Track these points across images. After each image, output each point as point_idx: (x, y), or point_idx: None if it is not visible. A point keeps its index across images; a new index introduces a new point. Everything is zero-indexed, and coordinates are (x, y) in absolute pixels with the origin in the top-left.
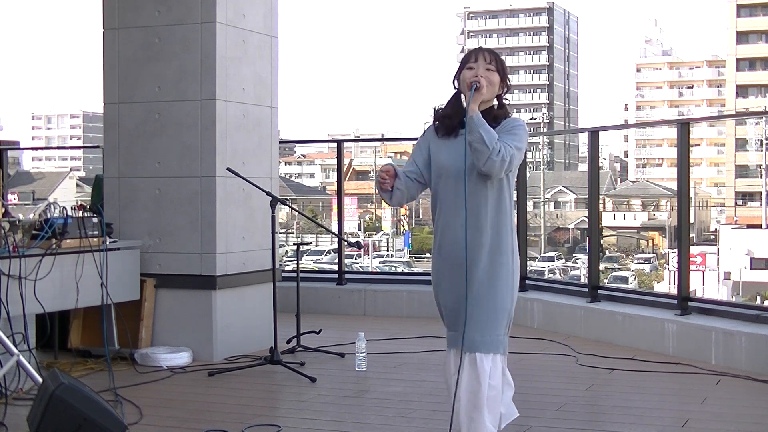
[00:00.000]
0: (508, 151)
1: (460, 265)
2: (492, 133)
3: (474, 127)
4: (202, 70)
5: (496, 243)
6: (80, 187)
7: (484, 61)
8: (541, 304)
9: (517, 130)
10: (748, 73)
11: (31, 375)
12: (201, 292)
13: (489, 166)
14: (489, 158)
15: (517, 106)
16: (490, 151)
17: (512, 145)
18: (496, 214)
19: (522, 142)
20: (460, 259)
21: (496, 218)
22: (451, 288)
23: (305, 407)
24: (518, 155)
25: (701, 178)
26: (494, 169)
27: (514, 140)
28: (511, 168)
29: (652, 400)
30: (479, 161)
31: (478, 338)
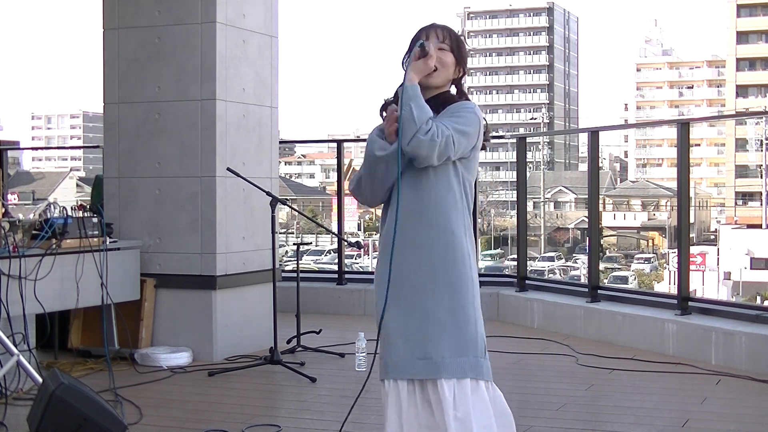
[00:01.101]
0: (441, 132)
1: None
2: (425, 109)
3: (405, 99)
4: (202, 70)
5: (444, 242)
6: (80, 187)
7: (436, 38)
8: (541, 304)
9: (463, 113)
10: (748, 73)
11: (31, 375)
12: (201, 292)
13: (414, 145)
14: (415, 136)
15: (517, 106)
16: (417, 127)
17: (450, 127)
18: (440, 207)
19: (467, 126)
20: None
21: (440, 213)
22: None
23: (305, 407)
24: (461, 140)
25: (701, 178)
26: (422, 151)
27: (457, 122)
28: (449, 153)
29: (652, 400)
30: (405, 139)
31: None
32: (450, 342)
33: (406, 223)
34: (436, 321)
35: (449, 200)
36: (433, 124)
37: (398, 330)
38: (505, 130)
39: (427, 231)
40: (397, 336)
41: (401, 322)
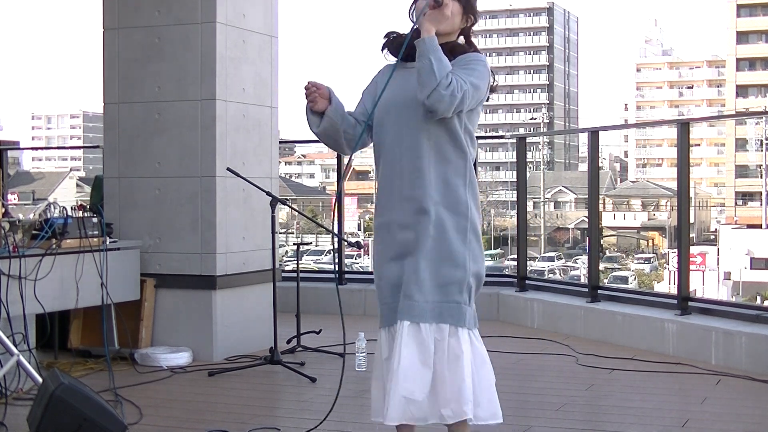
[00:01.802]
0: (460, 86)
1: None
2: (445, 62)
3: (424, 52)
4: (202, 70)
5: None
6: (80, 187)
7: None
8: (541, 304)
9: (475, 65)
10: (748, 73)
11: (31, 375)
12: (201, 292)
13: (434, 99)
14: (435, 90)
15: (517, 106)
16: (438, 81)
17: (467, 80)
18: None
19: (480, 80)
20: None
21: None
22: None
23: (305, 407)
24: (474, 94)
25: (701, 178)
26: (441, 105)
27: (471, 75)
28: (463, 107)
29: (652, 400)
30: (423, 92)
31: (451, 307)
32: (432, 286)
33: (405, 175)
34: (420, 266)
35: (451, 152)
36: (452, 78)
37: (390, 277)
38: (505, 130)
39: (427, 184)
40: (388, 283)
41: (393, 270)
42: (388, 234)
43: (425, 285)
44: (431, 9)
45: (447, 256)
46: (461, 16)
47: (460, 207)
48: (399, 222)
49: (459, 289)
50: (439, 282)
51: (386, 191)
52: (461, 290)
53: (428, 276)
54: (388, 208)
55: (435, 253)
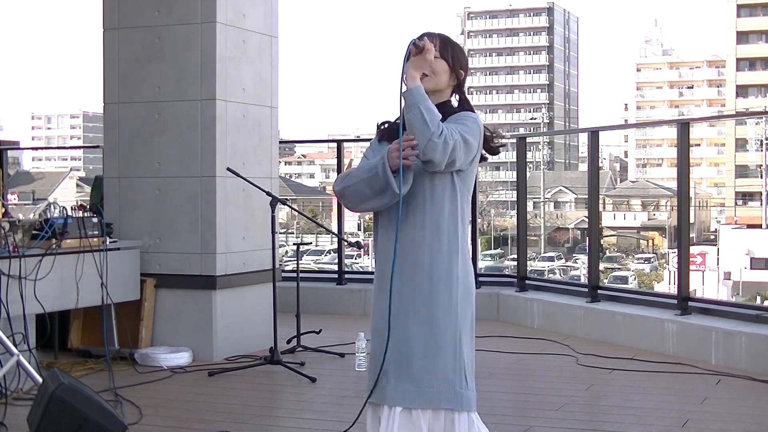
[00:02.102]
0: (452, 136)
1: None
2: (434, 110)
3: (413, 102)
4: (202, 70)
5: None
6: (80, 187)
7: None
8: (541, 304)
9: (465, 120)
10: (748, 73)
11: (31, 375)
12: (201, 292)
13: (429, 149)
14: (430, 140)
15: (517, 106)
16: (431, 132)
17: (457, 131)
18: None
19: (471, 135)
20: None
21: (451, 231)
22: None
23: (305, 407)
24: (464, 149)
25: (701, 178)
26: (436, 155)
27: (462, 129)
28: (455, 160)
29: (652, 400)
30: (419, 144)
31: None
32: (430, 370)
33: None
34: (417, 349)
35: (444, 220)
36: (443, 126)
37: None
38: (505, 130)
39: (419, 253)
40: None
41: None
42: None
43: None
44: (413, 55)
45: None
46: (449, 73)
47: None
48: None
49: (459, 373)
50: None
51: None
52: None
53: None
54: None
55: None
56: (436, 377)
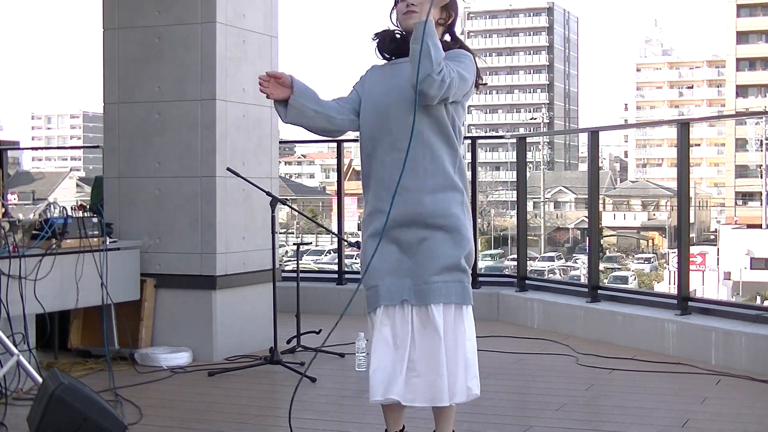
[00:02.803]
0: (449, 73)
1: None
2: (440, 49)
3: (422, 35)
4: (202, 70)
5: (445, 183)
6: (80, 187)
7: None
8: (541, 304)
9: (463, 58)
10: (748, 73)
11: (31, 375)
12: (201, 292)
13: (428, 84)
14: (429, 75)
15: (517, 106)
16: (433, 67)
17: (454, 69)
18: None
19: (467, 72)
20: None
21: (433, 156)
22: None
23: (305, 407)
24: (460, 84)
25: (701, 178)
26: (432, 90)
27: (458, 66)
28: (449, 95)
29: (652, 400)
30: (417, 75)
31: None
32: (440, 267)
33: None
34: (428, 250)
35: (441, 143)
36: (444, 65)
37: (387, 262)
38: (505, 130)
39: (421, 174)
40: (386, 266)
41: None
42: (380, 221)
43: (434, 267)
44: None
45: (454, 235)
46: (439, 12)
47: (456, 186)
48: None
49: (464, 268)
50: (447, 263)
51: (379, 182)
52: (466, 269)
53: (436, 258)
54: (380, 197)
55: (441, 233)
56: (451, 276)
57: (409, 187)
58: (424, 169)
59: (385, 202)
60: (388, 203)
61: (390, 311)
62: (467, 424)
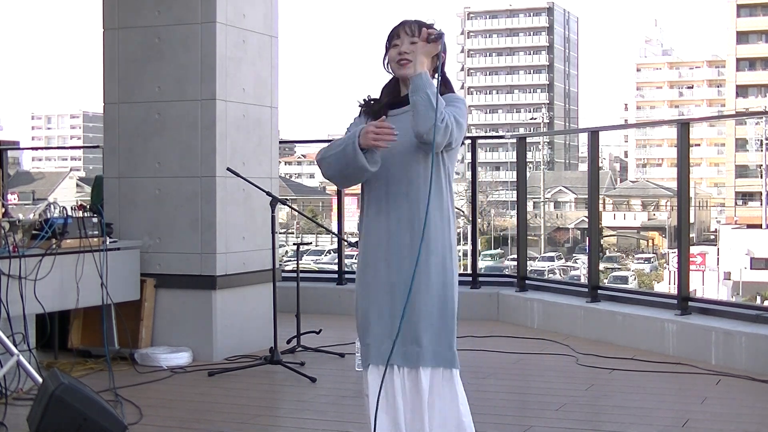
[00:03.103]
0: (450, 120)
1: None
2: (440, 97)
3: (421, 86)
4: (202, 70)
5: (445, 235)
6: (80, 187)
7: (407, 35)
8: (541, 304)
9: (457, 103)
10: (748, 73)
11: (31, 375)
12: (201, 292)
13: (434, 133)
14: (435, 124)
15: (517, 106)
16: (436, 116)
17: (452, 115)
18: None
19: (462, 118)
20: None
21: (441, 206)
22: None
23: (305, 407)
24: (458, 130)
25: (701, 178)
26: (438, 138)
27: (455, 112)
28: (451, 141)
29: (652, 400)
30: (423, 125)
31: (442, 351)
32: (431, 333)
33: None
34: (423, 314)
35: (433, 192)
36: (445, 113)
37: (384, 321)
38: (505, 130)
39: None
40: (382, 326)
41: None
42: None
43: (428, 330)
44: (425, 40)
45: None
46: (431, 61)
47: (447, 248)
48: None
49: (453, 334)
50: (439, 329)
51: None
52: (454, 334)
53: (428, 321)
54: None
55: (435, 297)
56: (442, 339)
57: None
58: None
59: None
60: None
61: (379, 371)
62: None
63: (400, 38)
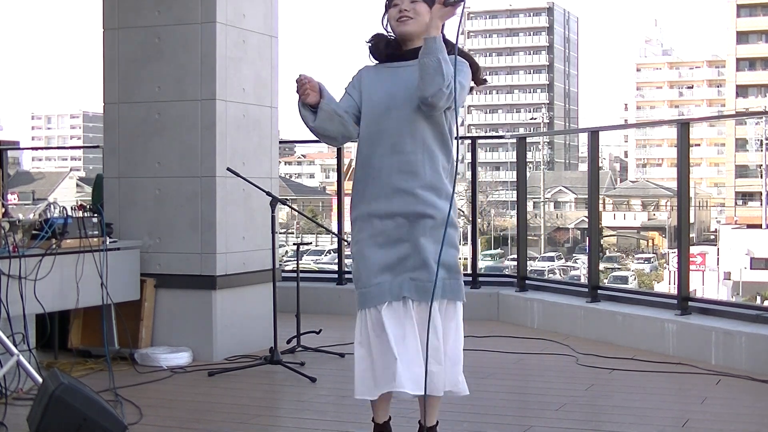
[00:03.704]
0: (454, 86)
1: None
2: (449, 62)
3: (434, 50)
4: (202, 70)
5: (438, 189)
6: (80, 187)
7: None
8: (541, 304)
9: (461, 66)
10: (748, 73)
11: (31, 375)
12: (201, 292)
13: (438, 97)
14: (440, 90)
15: (517, 106)
16: (444, 82)
17: (457, 79)
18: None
19: (465, 79)
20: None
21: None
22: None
23: (305, 407)
24: (461, 93)
25: (701, 178)
26: (441, 102)
27: (458, 75)
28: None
29: (652, 400)
30: (429, 89)
31: (453, 284)
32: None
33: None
34: (429, 249)
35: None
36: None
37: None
38: (505, 130)
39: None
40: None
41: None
42: (379, 221)
43: (430, 266)
44: (443, 6)
45: (446, 240)
46: (429, 15)
47: (447, 196)
48: (388, 211)
49: (457, 266)
50: (442, 262)
51: (376, 182)
52: (459, 267)
53: (431, 257)
54: (376, 197)
55: (434, 237)
56: (448, 273)
57: (406, 189)
58: (423, 172)
59: (380, 204)
60: (383, 205)
61: (393, 306)
62: (467, 424)
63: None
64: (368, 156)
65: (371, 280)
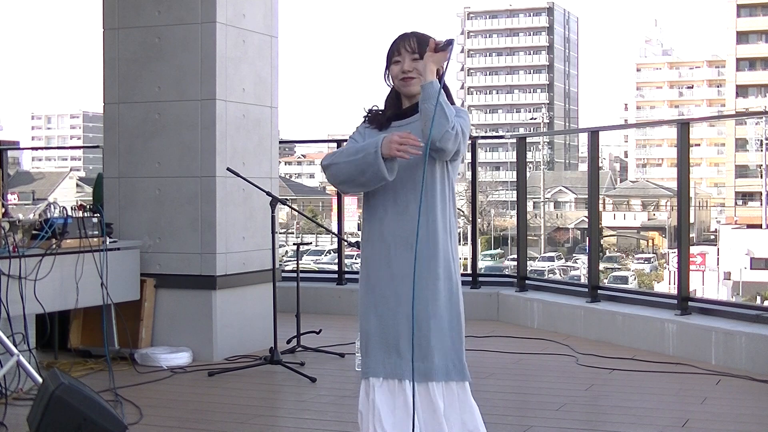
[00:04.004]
0: (458, 128)
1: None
2: (450, 105)
3: (432, 94)
4: (202, 70)
5: (448, 245)
6: (80, 187)
7: (408, 52)
8: (541, 304)
9: (462, 114)
10: (748, 73)
11: (31, 375)
12: (201, 292)
13: (445, 140)
14: (447, 132)
15: (517, 106)
16: (449, 124)
17: (458, 124)
18: (443, 208)
19: (466, 128)
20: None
21: (444, 216)
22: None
23: (305, 407)
24: (463, 140)
25: (701, 178)
26: (449, 145)
27: (461, 123)
28: (459, 150)
29: (652, 400)
30: (437, 133)
31: (453, 365)
32: (441, 347)
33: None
34: (432, 328)
35: (437, 201)
36: (455, 121)
37: (389, 332)
38: (505, 130)
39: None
40: (388, 337)
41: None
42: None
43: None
44: (432, 50)
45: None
46: (439, 64)
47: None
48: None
49: (462, 345)
50: (450, 342)
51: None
52: (463, 346)
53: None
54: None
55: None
56: (452, 353)
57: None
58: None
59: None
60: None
61: (389, 384)
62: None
63: (401, 55)
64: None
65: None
